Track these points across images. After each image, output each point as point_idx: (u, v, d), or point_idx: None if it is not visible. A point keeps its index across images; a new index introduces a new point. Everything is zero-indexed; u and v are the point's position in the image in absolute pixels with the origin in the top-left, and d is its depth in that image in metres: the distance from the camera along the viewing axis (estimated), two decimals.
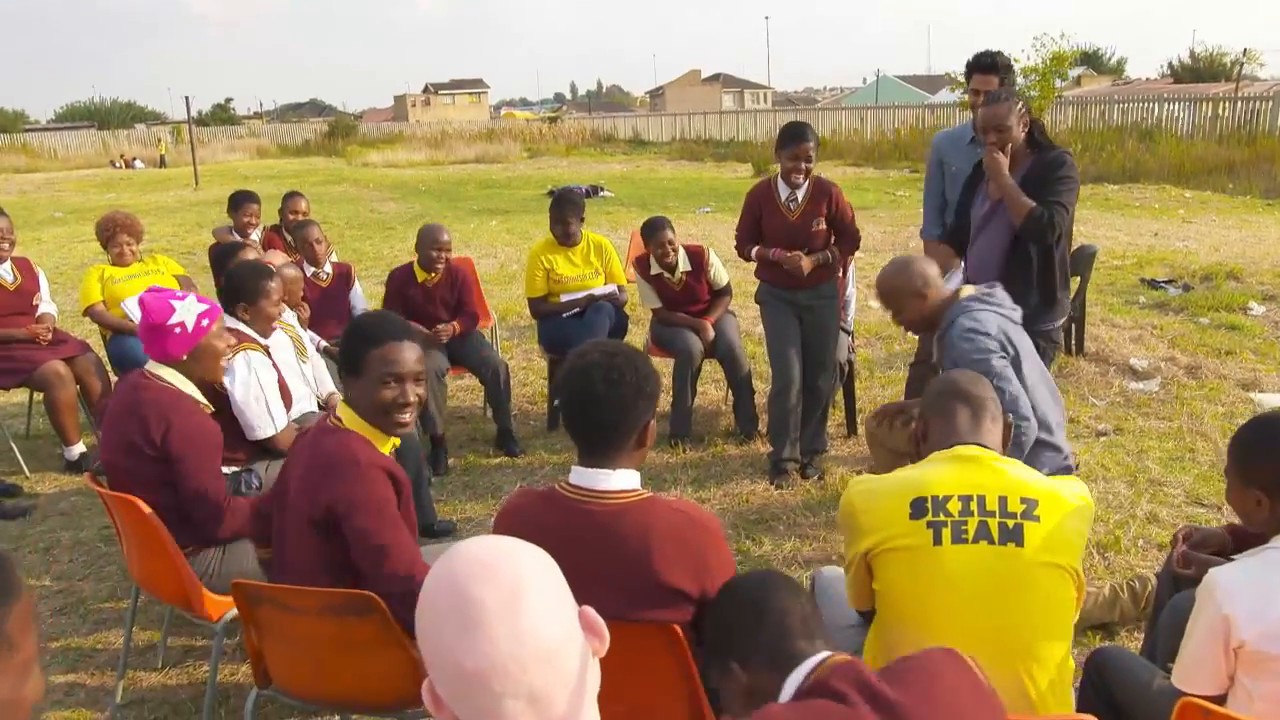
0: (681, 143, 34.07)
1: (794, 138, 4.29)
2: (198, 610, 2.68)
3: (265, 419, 3.43)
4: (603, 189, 18.32)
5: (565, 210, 5.31)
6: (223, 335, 2.99)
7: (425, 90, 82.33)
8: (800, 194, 4.39)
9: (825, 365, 4.56)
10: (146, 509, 2.60)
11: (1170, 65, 49.85)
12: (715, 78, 77.20)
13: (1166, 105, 23.54)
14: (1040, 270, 3.64)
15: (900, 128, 26.88)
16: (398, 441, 2.52)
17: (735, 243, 4.60)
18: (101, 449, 2.86)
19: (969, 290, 3.22)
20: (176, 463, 2.72)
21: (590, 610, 1.11)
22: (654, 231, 5.07)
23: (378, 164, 29.75)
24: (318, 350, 4.41)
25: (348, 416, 2.37)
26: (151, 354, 2.84)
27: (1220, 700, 1.83)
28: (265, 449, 3.48)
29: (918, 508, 1.96)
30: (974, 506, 1.94)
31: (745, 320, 6.75)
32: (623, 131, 40.01)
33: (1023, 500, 1.95)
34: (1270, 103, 21.43)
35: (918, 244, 10.43)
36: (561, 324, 5.27)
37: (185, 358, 2.85)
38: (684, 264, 5.14)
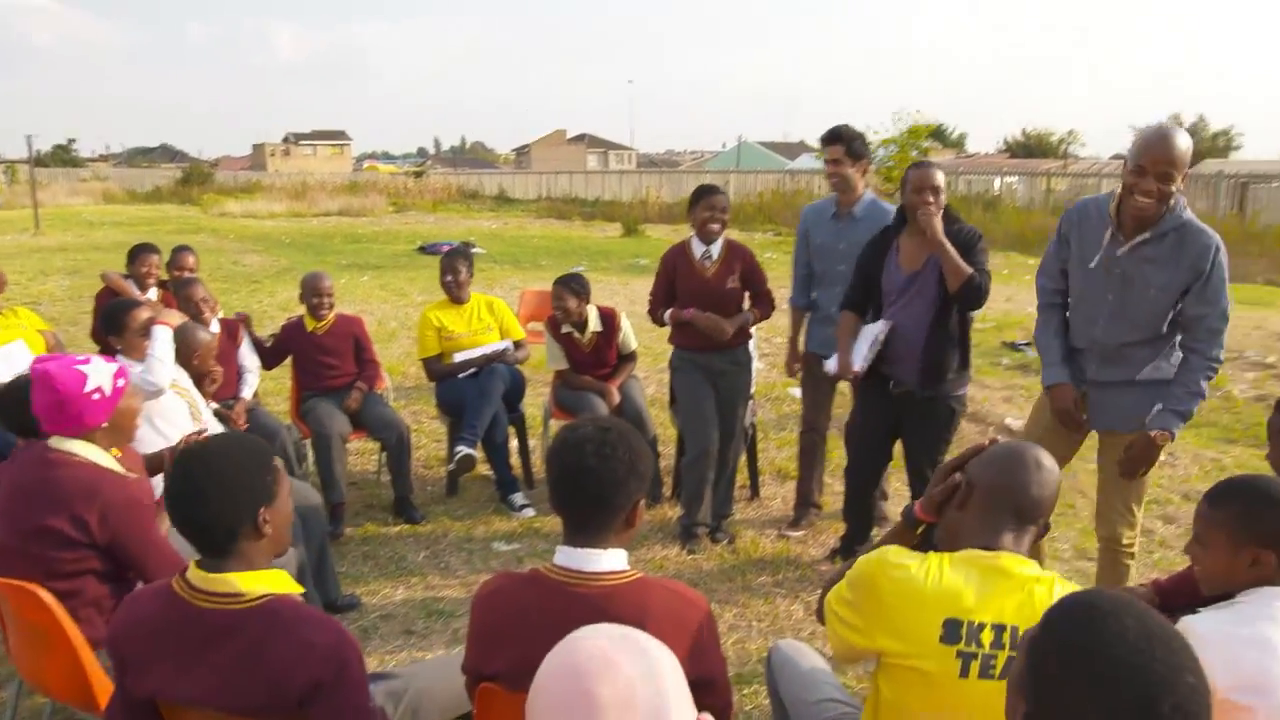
0: (548, 201, 34.24)
1: (707, 191, 4.46)
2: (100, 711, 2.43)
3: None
4: (474, 245, 18.20)
5: (456, 260, 5.30)
6: (137, 393, 2.80)
7: (285, 140, 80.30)
8: (715, 250, 4.46)
9: (733, 433, 4.60)
10: (50, 599, 2.37)
11: (1005, 141, 53.62)
12: (580, 138, 78.26)
13: (1005, 178, 25.24)
14: (960, 339, 3.82)
15: (763, 192, 27.82)
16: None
17: (649, 306, 4.61)
18: None
19: None
20: (123, 548, 2.50)
21: (708, 716, 1.08)
22: (554, 286, 5.11)
23: (236, 214, 28.69)
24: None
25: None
26: (59, 429, 2.60)
27: None
28: None
29: (951, 631, 1.79)
30: (1006, 639, 1.79)
31: (651, 385, 6.78)
32: (489, 188, 39.94)
33: None
34: (1095, 179, 23.30)
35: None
36: (457, 385, 5.16)
37: (105, 425, 2.63)
38: (595, 324, 5.13)
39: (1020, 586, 1.81)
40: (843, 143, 4.40)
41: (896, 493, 4.96)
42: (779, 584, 4.16)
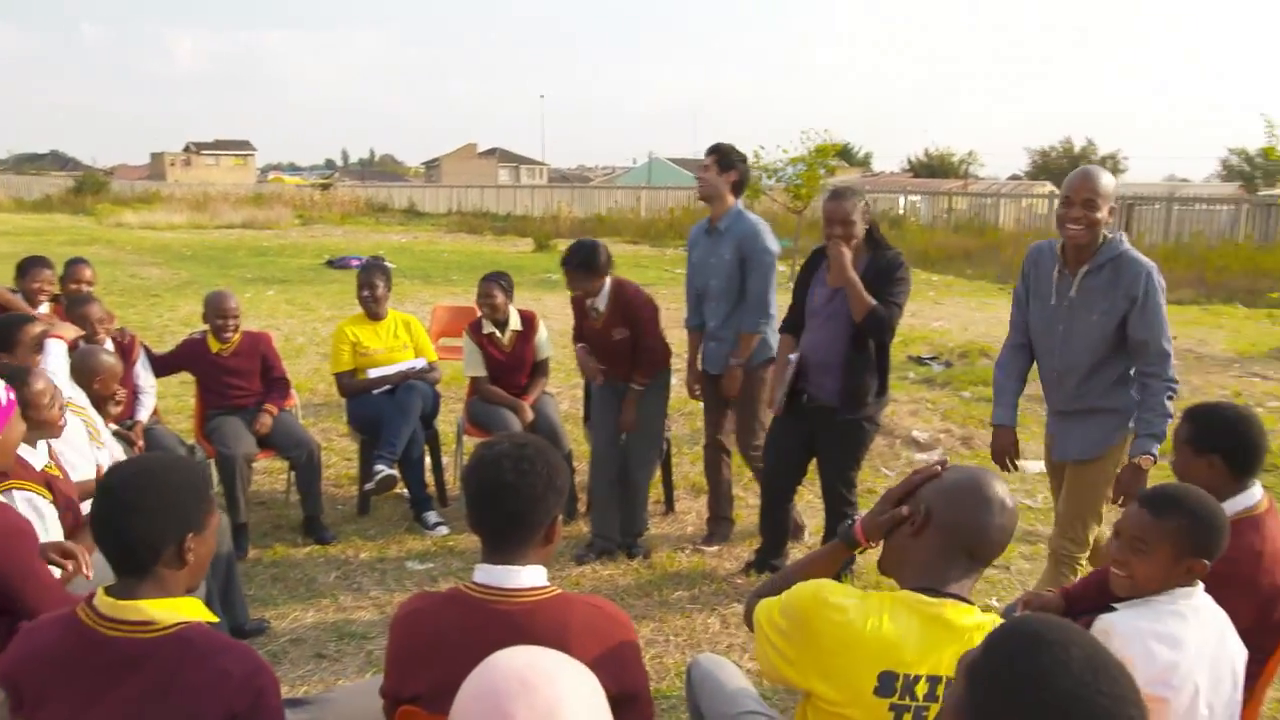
0: (459, 215, 33.93)
1: (572, 264, 4.54)
2: None
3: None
4: (384, 259, 17.92)
5: (374, 275, 5.22)
6: (16, 427, 2.61)
7: (186, 149, 77.78)
8: (601, 303, 4.55)
9: (642, 453, 4.64)
10: None
11: (909, 161, 55.18)
12: (491, 152, 77.76)
13: (909, 197, 25.99)
14: (879, 361, 3.92)
15: (674, 208, 28.09)
16: None
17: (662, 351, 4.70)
18: None
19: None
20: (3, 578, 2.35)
21: None
22: (482, 283, 5.16)
23: (134, 225, 27.69)
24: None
25: None
26: None
27: None
28: None
29: (886, 684, 1.72)
30: (940, 690, 1.72)
31: (565, 401, 6.77)
32: (398, 201, 39.41)
33: None
34: (994, 199, 24.15)
35: None
36: (372, 401, 5.08)
37: None
38: (516, 323, 5.18)
39: (960, 637, 1.74)
40: (717, 154, 4.51)
41: (809, 505, 5.04)
42: (695, 599, 4.20)
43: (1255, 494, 2.55)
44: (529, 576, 1.83)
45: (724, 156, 4.48)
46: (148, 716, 1.69)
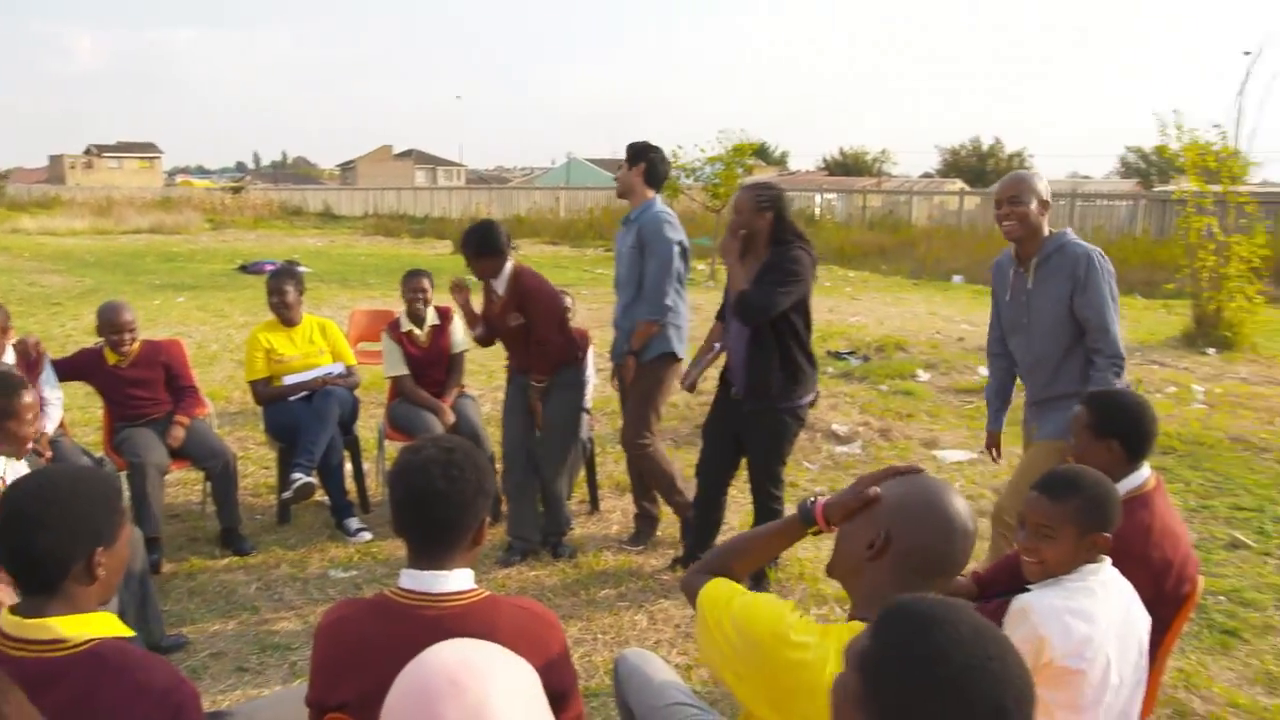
0: (376, 218, 33.47)
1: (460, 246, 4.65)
2: None
3: None
4: (299, 264, 17.57)
5: (283, 281, 5.14)
6: None
7: (87, 151, 74.99)
8: (500, 286, 4.59)
9: (552, 452, 4.62)
10: None
11: (824, 159, 56.12)
12: (408, 153, 76.73)
13: (825, 195, 26.43)
14: (782, 354, 3.96)
15: (593, 208, 28.11)
16: None
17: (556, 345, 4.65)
18: None
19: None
20: None
21: None
22: (410, 278, 5.23)
23: (31, 230, 26.64)
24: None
25: None
26: None
27: None
28: None
29: None
30: None
31: (486, 404, 6.72)
32: (313, 204, 38.69)
33: None
34: (907, 197, 24.72)
35: None
36: (289, 408, 4.98)
37: None
38: (433, 318, 5.23)
39: None
40: (628, 151, 4.62)
41: (733, 500, 5.09)
42: (622, 596, 4.22)
43: (1144, 473, 2.69)
44: (456, 580, 1.82)
45: (632, 151, 4.57)
46: None
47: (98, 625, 1.72)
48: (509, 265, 4.58)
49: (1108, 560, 2.27)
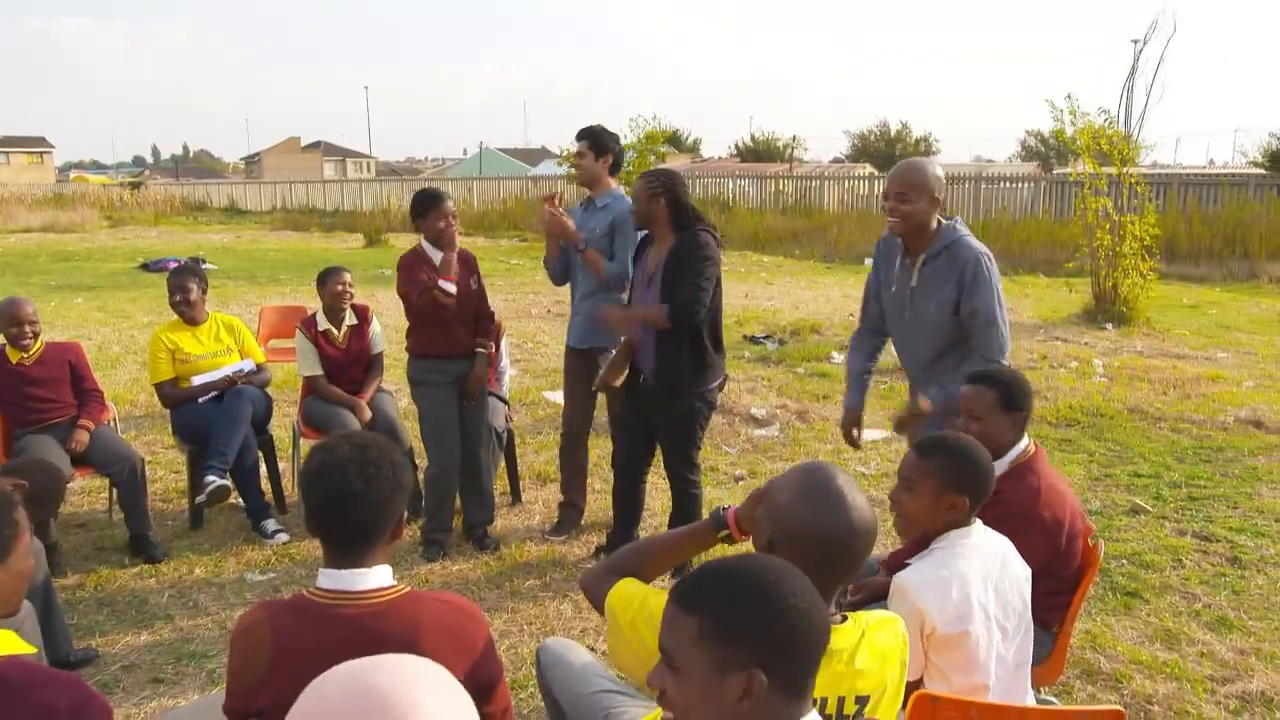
0: (284, 212, 32.63)
1: (436, 198, 4.39)
2: None
3: None
4: (204, 261, 17.04)
5: (185, 278, 4.99)
6: None
7: None
8: (452, 258, 4.40)
9: (481, 438, 4.61)
10: None
11: (736, 146, 56.54)
12: (316, 145, 74.94)
13: (738, 181, 26.63)
14: (690, 338, 3.99)
15: (506, 198, 27.86)
16: None
17: (413, 297, 4.34)
18: None
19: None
20: None
21: None
22: (332, 274, 5.06)
23: None
24: None
25: None
26: None
27: (918, 684, 2.16)
28: None
29: None
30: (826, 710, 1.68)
31: (404, 399, 6.61)
32: (217, 199, 37.58)
33: (857, 700, 1.74)
34: (818, 181, 25.08)
35: (540, 310, 10.87)
36: (198, 410, 4.83)
37: None
38: (350, 318, 5.08)
39: (840, 658, 1.70)
40: (590, 139, 4.55)
41: (653, 484, 5.13)
42: (546, 586, 4.21)
43: (1025, 440, 2.86)
44: (376, 577, 1.79)
45: (597, 141, 4.52)
46: None
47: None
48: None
49: (977, 523, 2.36)
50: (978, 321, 3.30)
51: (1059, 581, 2.75)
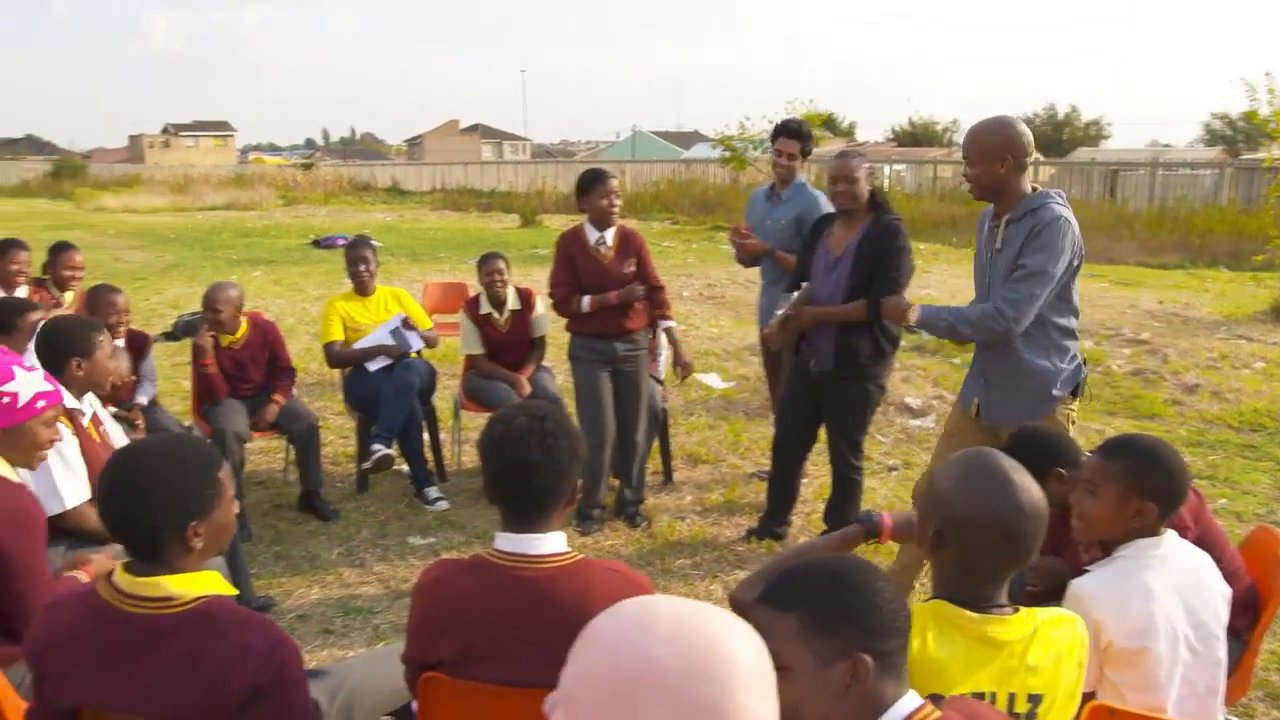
0: (443, 193, 33.77)
1: (600, 177, 4.45)
2: None
3: (49, 491, 2.92)
4: (369, 238, 17.82)
5: (362, 249, 5.25)
6: (53, 426, 2.56)
7: (165, 131, 77.01)
8: (609, 236, 4.48)
9: (641, 415, 4.66)
10: None
11: (893, 130, 55.09)
12: (474, 128, 77.21)
13: (894, 166, 25.95)
14: (873, 325, 3.95)
15: (659, 181, 27.97)
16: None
17: (556, 296, 4.51)
18: None
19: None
20: (2, 559, 2.29)
21: None
22: (486, 261, 5.17)
23: (114, 208, 27.47)
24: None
25: None
26: None
27: (1090, 696, 2.05)
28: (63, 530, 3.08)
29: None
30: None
31: (561, 375, 6.76)
32: (381, 180, 39.20)
33: (1029, 699, 1.70)
34: None
35: (691, 293, 10.86)
36: (369, 379, 5.06)
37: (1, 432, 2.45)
38: (514, 302, 5.18)
39: (1005, 651, 1.68)
40: (799, 139, 4.71)
41: (813, 476, 5.08)
42: (697, 566, 4.24)
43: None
44: (551, 543, 1.85)
45: (807, 141, 4.72)
46: (171, 692, 1.69)
47: (205, 584, 1.77)
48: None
49: (1169, 533, 2.20)
50: (1015, 274, 3.10)
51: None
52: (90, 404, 3.25)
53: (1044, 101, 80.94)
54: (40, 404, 2.49)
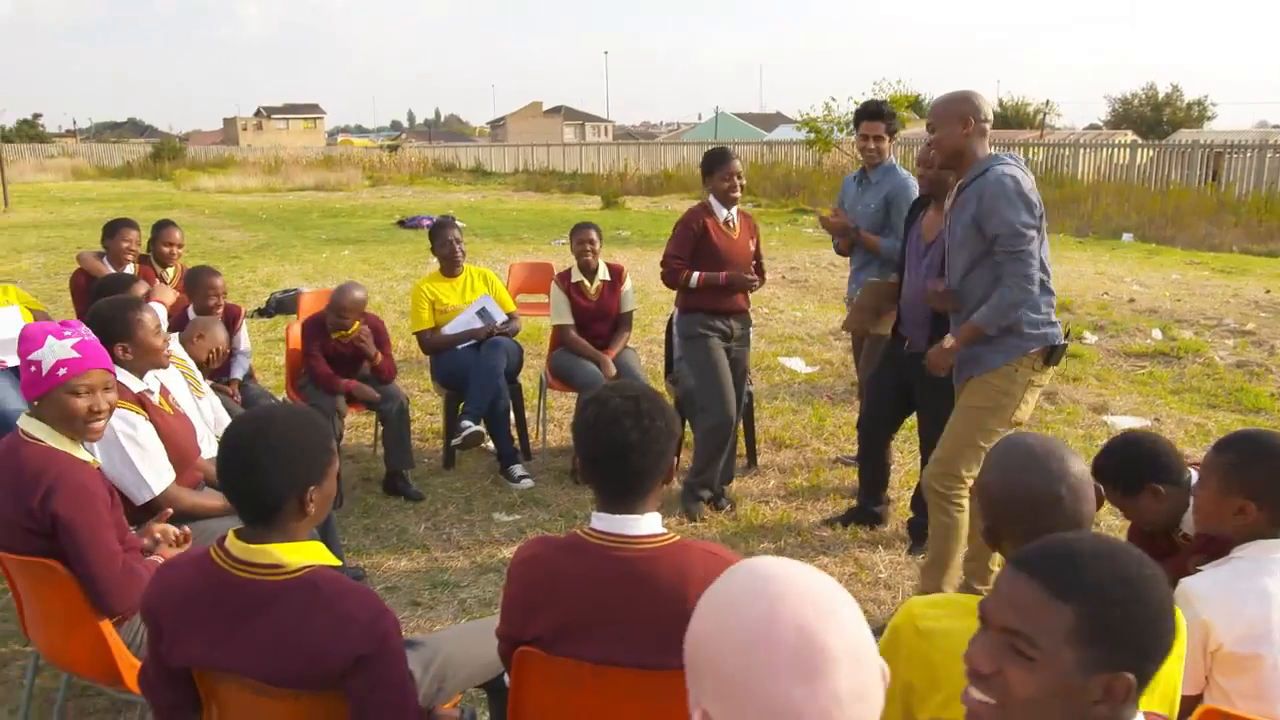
0: (526, 174, 34.07)
1: (723, 158, 4.47)
2: (130, 685, 2.42)
3: (137, 481, 2.98)
4: (454, 219, 18.05)
5: (449, 231, 5.32)
6: (91, 396, 2.52)
7: (257, 114, 79.25)
8: (733, 215, 4.49)
9: (743, 398, 4.67)
10: (67, 574, 2.35)
11: None
12: (557, 110, 77.66)
13: None
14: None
15: (741, 163, 27.71)
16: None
17: (667, 270, 4.45)
18: None
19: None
20: (64, 532, 2.37)
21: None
22: (579, 230, 5.24)
23: (210, 189, 28.35)
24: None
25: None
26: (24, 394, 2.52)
27: (1197, 700, 1.98)
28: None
29: None
30: None
31: (643, 355, 6.79)
32: (465, 161, 39.69)
33: None
34: (1071, 149, 23.39)
35: (774, 276, 10.76)
36: (457, 358, 5.13)
37: (35, 403, 2.51)
38: (603, 273, 5.25)
39: None
40: (883, 120, 4.64)
41: (899, 464, 5.00)
42: (781, 550, 4.21)
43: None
44: (647, 524, 1.85)
45: (892, 123, 4.67)
46: (277, 656, 1.75)
47: (311, 553, 1.82)
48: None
49: None
50: (1001, 244, 3.17)
51: None
52: (154, 378, 3.25)
53: (1143, 80, 77.87)
54: (61, 371, 2.45)
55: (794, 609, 1.01)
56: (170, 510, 2.84)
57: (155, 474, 2.99)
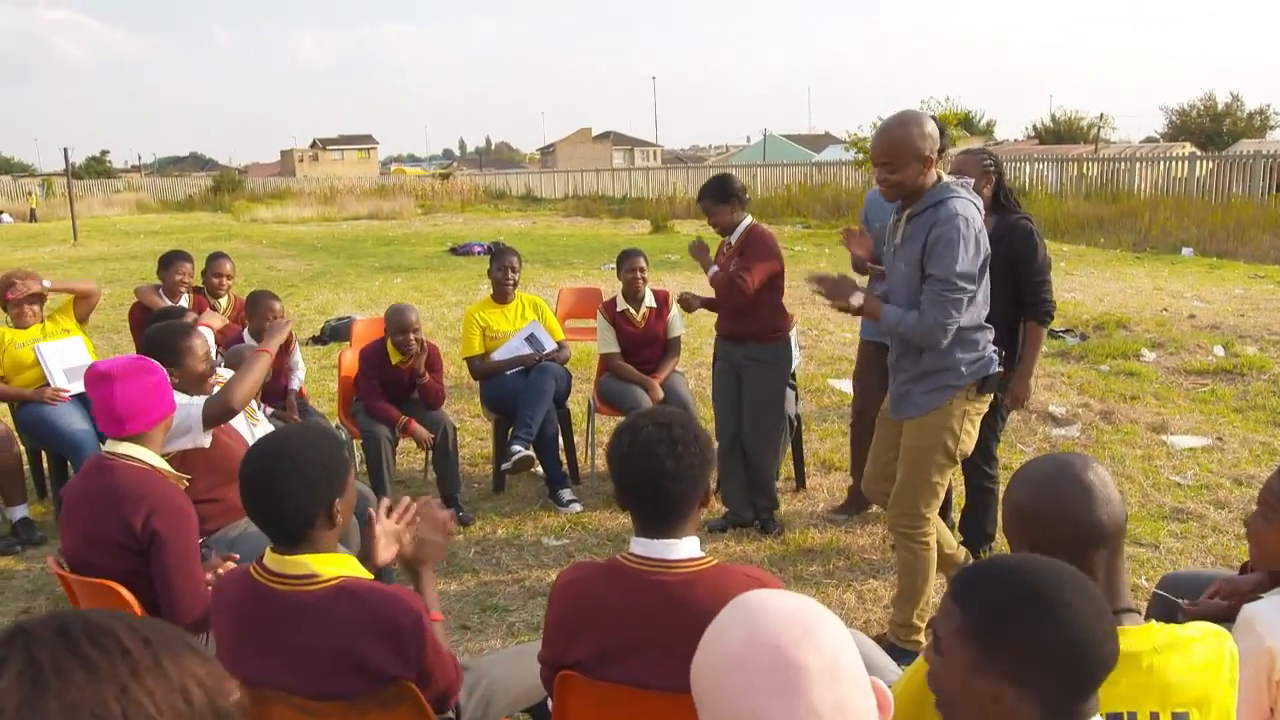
0: (575, 199, 34.34)
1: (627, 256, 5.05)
2: None
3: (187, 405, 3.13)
4: (505, 245, 18.28)
5: (508, 257, 5.39)
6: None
7: (313, 145, 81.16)
8: (734, 238, 4.61)
9: (760, 426, 4.60)
10: (131, 597, 2.43)
11: (1034, 127, 53.07)
12: (606, 135, 78.34)
13: (1035, 164, 24.96)
14: (1003, 332, 3.80)
15: (790, 184, 27.70)
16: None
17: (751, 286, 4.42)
18: (63, 541, 2.63)
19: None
20: (160, 549, 2.49)
21: (879, 682, 1.12)
22: (627, 258, 5.29)
23: (267, 219, 29.01)
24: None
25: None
26: (132, 425, 2.63)
27: None
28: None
29: None
30: None
31: (691, 380, 6.80)
32: (516, 188, 40.15)
33: (1174, 717, 1.61)
34: (1128, 163, 23.01)
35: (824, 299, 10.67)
36: (507, 383, 5.18)
37: (154, 429, 2.66)
38: (650, 300, 5.29)
39: (1136, 662, 1.58)
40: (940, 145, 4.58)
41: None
42: (829, 574, 4.17)
43: None
44: (686, 548, 1.86)
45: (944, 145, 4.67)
46: (321, 663, 1.82)
47: (344, 565, 1.89)
48: (745, 220, 4.58)
49: None
50: (932, 285, 3.06)
51: None
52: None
53: (1201, 91, 76.43)
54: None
55: (769, 631, 1.06)
56: (236, 556, 2.91)
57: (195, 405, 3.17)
